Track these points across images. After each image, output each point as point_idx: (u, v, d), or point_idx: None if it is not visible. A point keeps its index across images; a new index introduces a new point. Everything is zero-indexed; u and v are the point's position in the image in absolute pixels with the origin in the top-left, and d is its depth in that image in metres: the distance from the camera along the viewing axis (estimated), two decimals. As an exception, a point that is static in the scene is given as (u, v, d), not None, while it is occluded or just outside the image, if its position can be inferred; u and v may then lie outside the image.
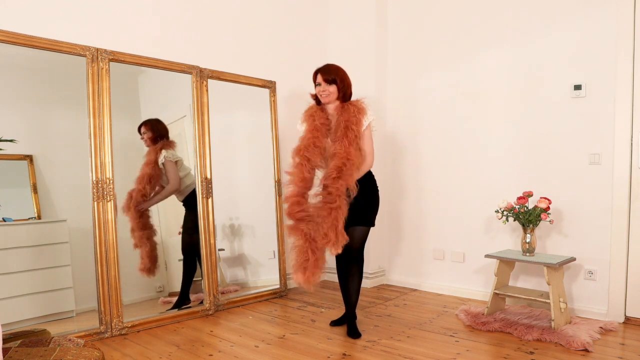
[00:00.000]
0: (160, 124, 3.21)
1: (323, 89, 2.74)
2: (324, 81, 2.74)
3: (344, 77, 2.77)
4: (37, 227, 2.73)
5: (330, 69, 2.76)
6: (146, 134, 3.14)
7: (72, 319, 2.78)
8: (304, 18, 4.21)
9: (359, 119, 2.69)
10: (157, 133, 3.16)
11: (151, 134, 3.15)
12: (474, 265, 3.68)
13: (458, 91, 3.75)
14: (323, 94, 2.75)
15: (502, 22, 3.51)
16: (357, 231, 2.80)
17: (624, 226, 3.01)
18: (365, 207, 2.79)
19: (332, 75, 2.73)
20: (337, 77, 2.74)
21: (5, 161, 2.67)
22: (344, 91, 2.78)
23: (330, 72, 2.74)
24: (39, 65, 2.74)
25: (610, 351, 2.56)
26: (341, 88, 2.75)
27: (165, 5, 3.28)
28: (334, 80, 2.73)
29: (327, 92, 2.74)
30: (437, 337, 2.81)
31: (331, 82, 2.73)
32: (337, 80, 2.73)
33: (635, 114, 2.98)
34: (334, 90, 2.74)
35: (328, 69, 2.76)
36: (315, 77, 2.78)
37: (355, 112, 2.70)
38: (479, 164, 3.65)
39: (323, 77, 2.74)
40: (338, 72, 2.76)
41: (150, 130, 3.15)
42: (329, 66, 2.79)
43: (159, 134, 3.17)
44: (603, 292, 3.11)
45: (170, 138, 3.27)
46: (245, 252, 3.75)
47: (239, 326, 3.04)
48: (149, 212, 3.14)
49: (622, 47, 3.00)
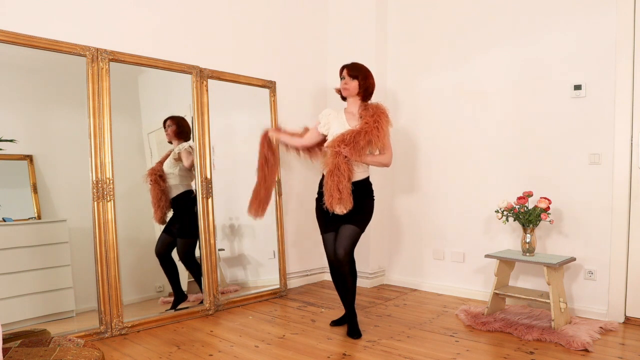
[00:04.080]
0: (185, 122, 3.31)
1: (346, 82, 2.92)
2: (348, 75, 2.91)
3: (367, 75, 2.92)
4: (37, 227, 2.73)
5: (356, 65, 2.94)
6: (170, 128, 3.26)
7: (72, 319, 2.78)
8: (304, 18, 4.21)
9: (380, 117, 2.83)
10: (181, 129, 3.28)
11: (175, 128, 3.27)
12: (474, 265, 3.68)
13: (458, 91, 3.75)
14: (345, 87, 2.93)
15: (502, 22, 3.51)
16: (346, 229, 2.79)
17: (624, 226, 3.01)
18: (357, 211, 2.78)
19: (356, 71, 2.91)
20: (360, 74, 2.90)
21: (5, 161, 2.67)
22: (365, 88, 2.91)
23: (355, 68, 2.92)
24: (39, 65, 2.74)
25: (610, 351, 2.56)
26: (362, 84, 2.90)
27: (165, 5, 3.28)
28: (356, 77, 2.90)
29: (349, 85, 2.90)
30: (437, 337, 2.81)
31: (354, 78, 2.90)
32: (359, 76, 2.90)
33: (635, 114, 2.99)
34: (355, 86, 2.90)
35: (354, 66, 2.94)
36: (342, 72, 2.95)
37: (377, 112, 2.84)
38: (479, 164, 3.65)
39: (348, 72, 2.91)
40: (362, 69, 2.93)
41: (175, 124, 3.27)
42: (355, 63, 2.96)
43: (182, 130, 3.29)
44: (603, 292, 3.11)
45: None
46: (245, 252, 3.75)
47: (239, 326, 3.04)
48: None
49: (622, 47, 3.00)
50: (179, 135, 3.28)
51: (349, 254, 2.80)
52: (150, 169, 3.21)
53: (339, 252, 2.77)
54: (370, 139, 2.74)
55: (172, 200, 3.26)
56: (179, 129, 3.28)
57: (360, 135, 2.73)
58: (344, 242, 2.78)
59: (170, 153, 3.27)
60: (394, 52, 4.15)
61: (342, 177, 2.70)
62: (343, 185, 2.68)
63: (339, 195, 2.68)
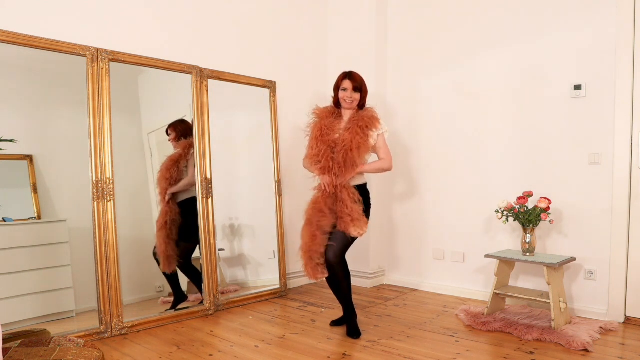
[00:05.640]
0: (183, 124, 3.35)
1: (349, 95, 2.86)
2: (352, 88, 2.85)
3: (366, 88, 2.92)
4: (37, 227, 2.73)
5: (357, 77, 2.89)
6: (171, 135, 3.31)
7: (72, 319, 2.78)
8: (304, 18, 4.21)
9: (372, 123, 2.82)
10: (180, 133, 3.32)
11: (174, 135, 3.31)
12: (474, 265, 3.68)
13: (458, 91, 3.75)
14: (348, 100, 2.87)
15: (503, 22, 3.51)
16: (337, 234, 2.77)
17: (624, 226, 3.01)
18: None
19: (359, 84, 2.87)
20: (362, 86, 2.89)
21: (5, 161, 2.67)
22: (364, 100, 2.92)
23: (357, 80, 2.88)
24: (39, 65, 2.73)
25: (610, 351, 2.56)
26: (363, 97, 2.90)
27: (165, 5, 3.28)
28: (359, 89, 2.87)
29: (352, 98, 2.86)
30: (437, 337, 2.81)
31: (357, 90, 2.86)
32: (362, 89, 2.88)
33: (635, 114, 2.98)
34: (358, 98, 2.89)
35: (355, 77, 2.88)
36: (341, 82, 2.89)
37: (368, 119, 2.82)
38: (479, 164, 3.65)
39: (352, 85, 2.86)
40: (363, 82, 2.91)
41: (174, 131, 3.31)
42: (354, 74, 2.91)
43: (181, 134, 3.32)
44: (603, 292, 3.11)
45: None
46: (245, 252, 3.75)
47: (239, 326, 3.04)
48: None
49: (622, 47, 3.00)
50: (178, 139, 3.31)
51: (339, 257, 2.78)
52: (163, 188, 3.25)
53: (329, 256, 2.76)
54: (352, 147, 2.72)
55: (179, 204, 3.29)
56: (177, 134, 3.31)
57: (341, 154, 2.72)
58: (334, 247, 2.76)
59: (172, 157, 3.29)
60: (394, 52, 4.14)
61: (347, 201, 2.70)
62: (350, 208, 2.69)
63: (350, 218, 2.68)
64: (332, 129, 2.84)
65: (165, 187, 3.23)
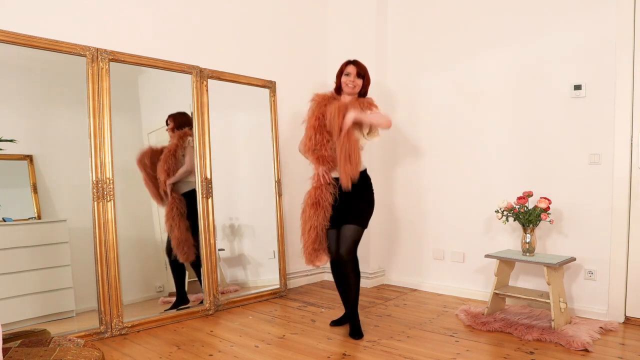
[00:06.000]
0: (183, 116, 3.36)
1: (352, 79, 2.87)
2: (355, 74, 2.87)
3: (369, 77, 2.95)
4: (37, 227, 2.73)
5: (361, 64, 2.92)
6: (169, 125, 3.33)
7: (72, 319, 2.78)
8: (304, 18, 4.21)
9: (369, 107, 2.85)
10: (178, 124, 3.34)
11: (172, 125, 3.33)
12: (474, 265, 3.68)
13: (458, 91, 3.75)
14: (350, 84, 2.88)
15: (503, 21, 3.51)
16: (348, 230, 2.78)
17: (624, 226, 3.01)
18: (357, 207, 2.79)
19: (363, 71, 2.90)
20: (366, 74, 2.91)
21: (5, 161, 2.67)
22: (365, 89, 2.93)
23: (361, 67, 2.90)
24: (39, 65, 2.73)
25: (610, 351, 2.56)
26: (365, 84, 2.92)
27: (165, 5, 3.28)
28: (363, 76, 2.89)
29: (355, 84, 2.88)
30: (437, 337, 2.81)
31: (360, 77, 2.88)
32: (365, 76, 2.90)
33: (635, 114, 2.98)
34: (360, 84, 2.90)
35: (360, 64, 2.91)
36: (345, 67, 2.91)
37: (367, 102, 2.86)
38: (479, 164, 3.65)
39: (356, 70, 2.88)
40: (366, 70, 2.93)
41: (172, 121, 3.33)
42: (359, 62, 2.93)
43: (178, 124, 3.34)
44: (603, 292, 3.11)
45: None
46: (245, 252, 3.75)
47: (239, 326, 3.04)
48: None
49: (622, 47, 3.00)
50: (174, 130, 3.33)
51: (352, 253, 2.79)
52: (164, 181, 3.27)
53: (342, 252, 2.77)
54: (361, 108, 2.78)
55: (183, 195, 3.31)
56: (175, 124, 3.34)
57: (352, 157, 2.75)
58: (346, 242, 2.77)
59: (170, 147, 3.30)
60: (394, 52, 4.14)
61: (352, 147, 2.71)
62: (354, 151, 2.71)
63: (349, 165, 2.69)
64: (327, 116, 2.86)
65: (164, 179, 3.24)
